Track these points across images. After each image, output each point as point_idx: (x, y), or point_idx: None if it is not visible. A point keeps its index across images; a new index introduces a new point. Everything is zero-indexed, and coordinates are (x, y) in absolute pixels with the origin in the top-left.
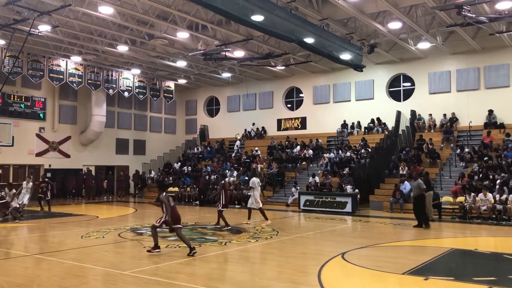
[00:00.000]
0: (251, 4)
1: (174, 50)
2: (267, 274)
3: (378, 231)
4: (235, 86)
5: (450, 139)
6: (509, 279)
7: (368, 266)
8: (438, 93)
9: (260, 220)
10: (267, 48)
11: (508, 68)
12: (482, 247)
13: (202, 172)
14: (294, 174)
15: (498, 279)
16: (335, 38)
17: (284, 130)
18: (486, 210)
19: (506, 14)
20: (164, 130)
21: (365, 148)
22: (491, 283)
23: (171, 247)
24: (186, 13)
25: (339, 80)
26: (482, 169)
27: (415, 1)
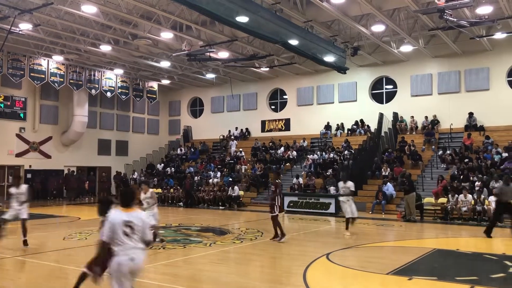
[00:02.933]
0: (236, 5)
1: (157, 50)
2: (252, 275)
3: (361, 232)
4: (219, 87)
5: (431, 141)
6: (490, 278)
7: (352, 266)
8: (420, 96)
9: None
10: (252, 49)
11: (488, 72)
12: (463, 247)
13: (186, 173)
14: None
15: (479, 279)
16: (319, 40)
17: (268, 132)
18: (467, 211)
19: (486, 19)
20: (147, 131)
21: (348, 149)
22: (473, 282)
23: (155, 249)
24: (170, 13)
25: (322, 82)
26: (462, 170)
27: (398, 5)
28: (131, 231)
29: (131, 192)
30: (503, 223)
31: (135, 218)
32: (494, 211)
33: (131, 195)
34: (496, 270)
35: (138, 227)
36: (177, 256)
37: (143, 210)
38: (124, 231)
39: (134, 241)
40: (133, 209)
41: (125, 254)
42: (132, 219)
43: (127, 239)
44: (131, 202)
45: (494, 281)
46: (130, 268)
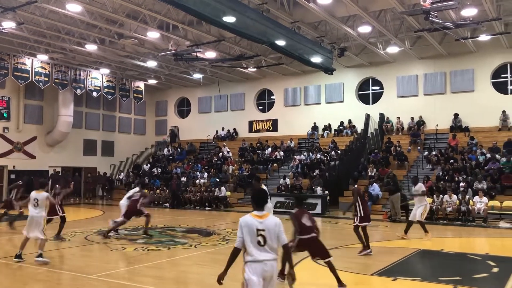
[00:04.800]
0: (223, 5)
1: (144, 50)
2: (237, 277)
3: (347, 232)
4: (206, 87)
5: (417, 142)
6: (472, 278)
7: (337, 267)
8: (406, 97)
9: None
10: (239, 49)
11: (473, 73)
12: (448, 248)
13: (172, 174)
14: (265, 176)
15: (463, 279)
16: (306, 41)
17: (255, 132)
18: (452, 211)
19: (471, 21)
20: (134, 131)
21: (335, 150)
22: (456, 282)
23: (139, 250)
24: (156, 13)
25: (309, 83)
26: (447, 171)
27: (384, 6)
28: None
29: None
30: (486, 223)
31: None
32: None
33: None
34: (479, 270)
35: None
36: (161, 257)
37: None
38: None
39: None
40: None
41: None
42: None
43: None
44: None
45: (477, 281)
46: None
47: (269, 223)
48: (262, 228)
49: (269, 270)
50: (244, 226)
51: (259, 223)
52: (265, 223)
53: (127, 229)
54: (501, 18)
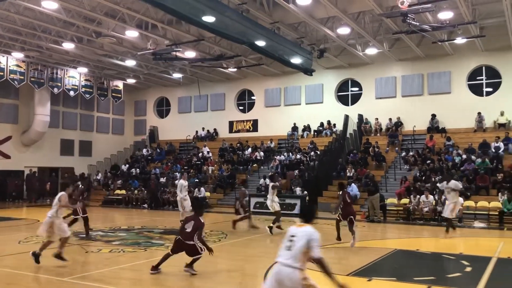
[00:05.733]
0: (202, 5)
1: (122, 49)
2: (215, 278)
3: (325, 232)
4: (186, 87)
5: (395, 143)
6: (446, 278)
7: (314, 267)
8: (384, 98)
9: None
10: (219, 49)
11: (450, 75)
12: (423, 248)
13: (151, 175)
14: (245, 176)
15: (437, 279)
16: (286, 42)
17: (236, 132)
18: (428, 211)
19: (447, 24)
20: (112, 131)
21: (314, 150)
22: (430, 282)
23: (115, 252)
24: (135, 12)
25: (290, 84)
26: (424, 172)
27: (363, 8)
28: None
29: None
30: (462, 223)
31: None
32: None
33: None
34: (453, 270)
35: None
36: (138, 259)
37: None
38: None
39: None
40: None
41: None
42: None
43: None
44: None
45: (450, 281)
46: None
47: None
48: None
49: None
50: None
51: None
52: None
53: (103, 230)
54: (476, 22)
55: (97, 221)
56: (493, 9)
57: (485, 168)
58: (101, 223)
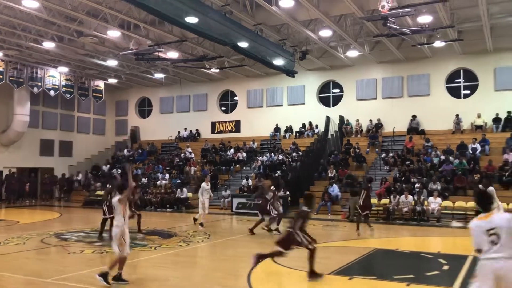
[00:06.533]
0: (185, 6)
1: (104, 49)
2: (197, 278)
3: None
4: (168, 87)
5: (375, 144)
6: (425, 276)
7: (296, 267)
8: (365, 100)
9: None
10: (202, 50)
11: (429, 78)
12: (403, 247)
13: (133, 175)
14: (227, 177)
15: (416, 277)
16: (269, 43)
17: (218, 133)
18: (408, 211)
19: (427, 28)
20: (93, 131)
21: (296, 151)
22: (409, 280)
23: (97, 253)
24: (117, 11)
25: (272, 85)
26: (404, 172)
27: (344, 11)
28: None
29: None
30: (440, 223)
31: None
32: None
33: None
34: (431, 268)
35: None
36: None
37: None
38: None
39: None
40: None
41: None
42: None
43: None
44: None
45: (429, 279)
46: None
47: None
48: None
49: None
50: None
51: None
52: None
53: (85, 231)
54: (454, 26)
55: (79, 222)
56: (470, 13)
57: (462, 169)
58: (83, 224)
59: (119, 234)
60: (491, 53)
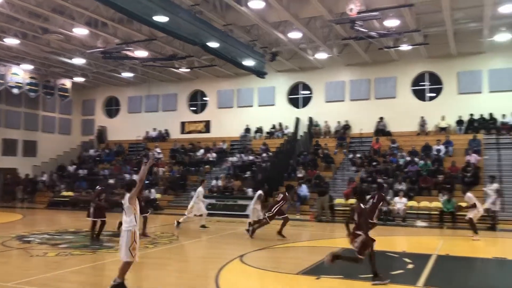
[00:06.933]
0: (154, 5)
1: (70, 47)
2: (165, 280)
3: (276, 232)
4: (137, 86)
5: (343, 145)
6: (390, 275)
7: (265, 267)
8: (333, 102)
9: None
10: (171, 49)
11: (395, 81)
12: None
13: (99, 176)
14: (196, 178)
15: (381, 275)
16: (239, 44)
17: (188, 133)
18: None
19: (393, 31)
20: (58, 130)
21: (266, 152)
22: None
23: (62, 255)
24: (84, 9)
25: (242, 86)
26: (371, 173)
27: (313, 13)
28: None
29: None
30: (405, 222)
31: None
32: None
33: None
34: (396, 267)
35: None
36: (86, 262)
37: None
38: None
39: None
40: None
41: None
42: None
43: None
44: None
45: (393, 278)
46: None
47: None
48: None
49: None
50: None
51: None
52: None
53: (49, 233)
54: (420, 30)
55: (43, 224)
56: (435, 18)
57: (427, 170)
58: (47, 225)
59: (130, 237)
60: (455, 57)
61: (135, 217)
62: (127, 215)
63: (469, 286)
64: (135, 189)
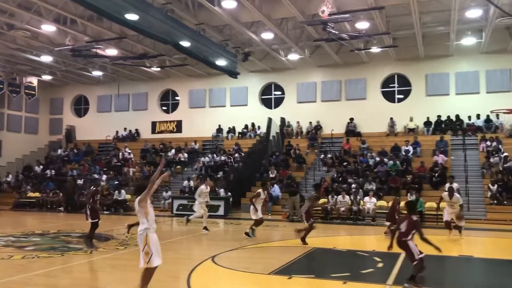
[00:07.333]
0: (125, 2)
1: (38, 44)
2: (135, 282)
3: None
4: (106, 85)
5: (314, 145)
6: (361, 274)
7: (236, 268)
8: (305, 102)
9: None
10: (142, 48)
11: (365, 82)
12: (340, 246)
13: (68, 176)
14: (167, 178)
15: (352, 275)
16: (211, 43)
17: (159, 133)
18: (345, 211)
19: (364, 34)
20: (25, 130)
21: (238, 152)
22: (346, 278)
23: (28, 258)
24: (52, 5)
25: (214, 85)
26: (341, 173)
27: (286, 14)
28: None
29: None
30: (375, 222)
31: None
32: None
33: None
34: (366, 266)
35: None
36: (54, 265)
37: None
38: None
39: None
40: None
41: None
42: None
43: None
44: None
45: (364, 277)
46: None
47: None
48: None
49: None
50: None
51: None
52: None
53: (15, 236)
54: (389, 33)
55: (8, 226)
56: (404, 21)
57: (396, 170)
58: (12, 227)
59: (143, 241)
60: (423, 60)
61: (147, 220)
62: (138, 218)
63: (436, 283)
64: (146, 190)
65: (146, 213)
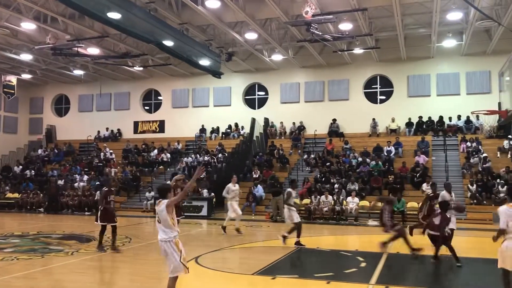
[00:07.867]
0: (108, 1)
1: (17, 42)
2: (118, 283)
3: (232, 233)
4: (88, 84)
5: (298, 146)
6: (344, 274)
7: (220, 268)
8: (289, 103)
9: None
10: (124, 47)
11: (348, 83)
12: (323, 245)
13: (48, 177)
14: (150, 178)
15: (335, 274)
16: (194, 43)
17: (141, 133)
18: (328, 211)
19: (347, 35)
20: (3, 129)
21: (222, 152)
22: (329, 278)
23: (7, 260)
24: (32, 3)
25: (198, 85)
26: (324, 173)
27: (270, 15)
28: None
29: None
30: (358, 222)
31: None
32: None
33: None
34: (349, 266)
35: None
36: (34, 267)
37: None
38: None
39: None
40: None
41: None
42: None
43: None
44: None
45: (347, 276)
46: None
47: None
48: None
49: None
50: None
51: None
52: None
53: None
54: (372, 34)
55: None
56: (387, 23)
57: (378, 170)
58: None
59: (175, 247)
60: (405, 61)
61: (174, 225)
62: (163, 224)
63: (418, 282)
64: (177, 197)
65: (173, 219)
